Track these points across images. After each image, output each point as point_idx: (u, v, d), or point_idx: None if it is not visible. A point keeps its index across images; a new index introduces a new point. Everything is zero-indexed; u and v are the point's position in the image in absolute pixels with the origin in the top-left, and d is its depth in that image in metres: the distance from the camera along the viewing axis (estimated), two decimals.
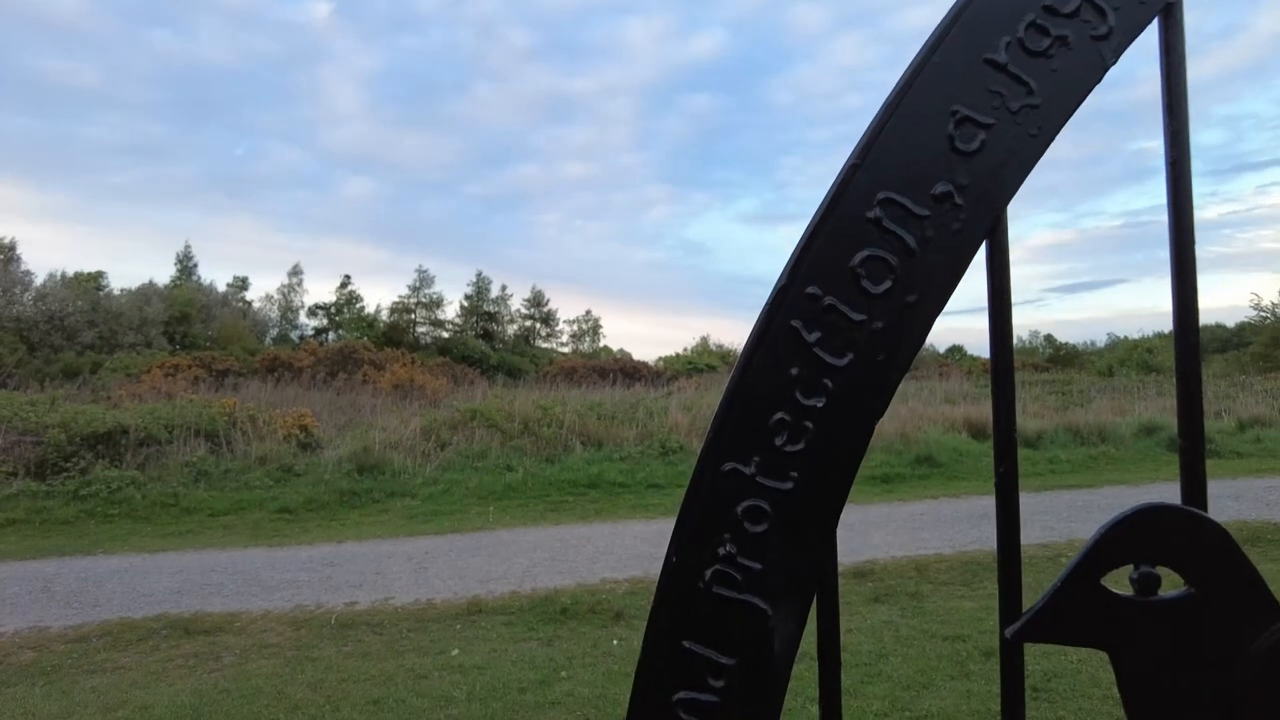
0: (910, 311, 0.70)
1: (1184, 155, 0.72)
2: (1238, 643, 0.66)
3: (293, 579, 7.42)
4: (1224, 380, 25.02)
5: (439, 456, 13.06)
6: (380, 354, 29.08)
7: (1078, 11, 0.70)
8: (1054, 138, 0.71)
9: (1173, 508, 0.68)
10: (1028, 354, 48.56)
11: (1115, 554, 0.68)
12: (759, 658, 0.71)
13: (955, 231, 0.70)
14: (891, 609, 6.04)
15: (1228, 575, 0.67)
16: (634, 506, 10.86)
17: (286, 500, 10.92)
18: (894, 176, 0.70)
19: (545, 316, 60.99)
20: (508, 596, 6.65)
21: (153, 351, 31.86)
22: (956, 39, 0.70)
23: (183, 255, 53.69)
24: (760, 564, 0.70)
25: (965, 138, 0.70)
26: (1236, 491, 10.77)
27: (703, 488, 0.71)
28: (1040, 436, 15.29)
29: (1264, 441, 15.41)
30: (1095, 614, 0.68)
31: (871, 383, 0.70)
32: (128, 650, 5.65)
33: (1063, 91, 0.71)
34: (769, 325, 0.71)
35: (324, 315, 54.50)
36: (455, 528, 9.69)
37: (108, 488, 10.93)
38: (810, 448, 0.70)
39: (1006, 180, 0.70)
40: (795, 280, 0.71)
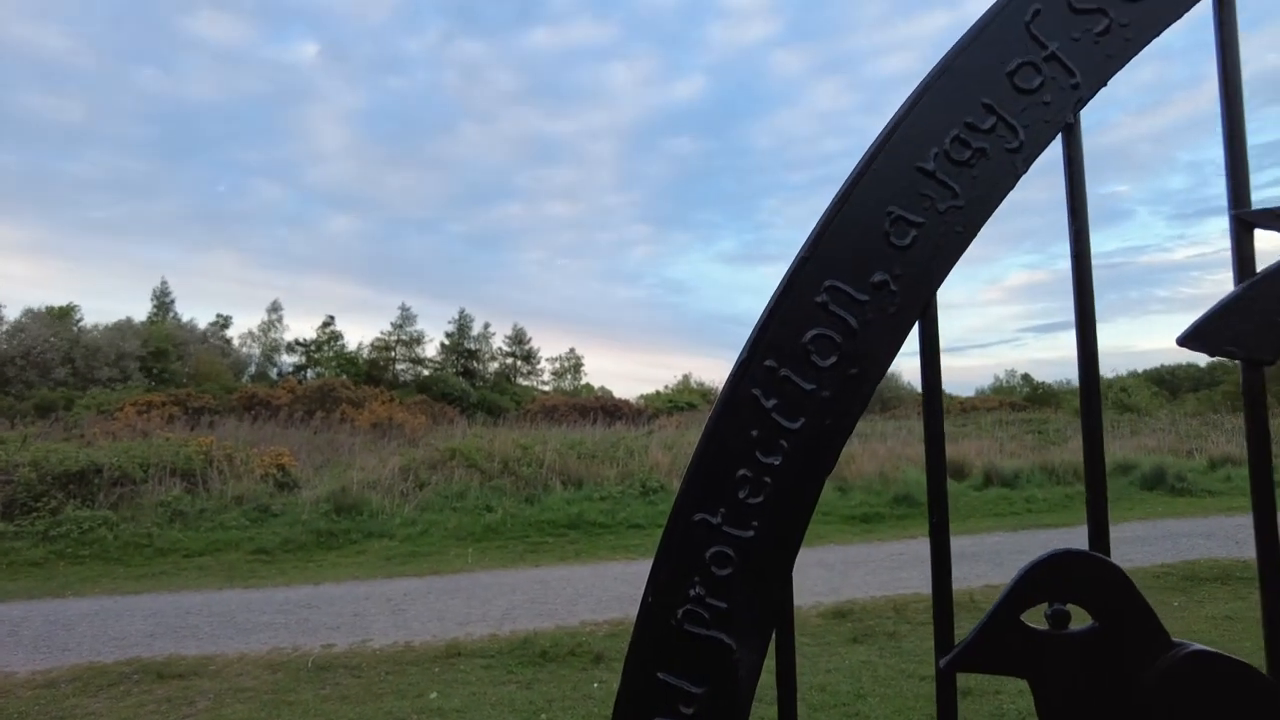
0: (853, 382, 0.81)
1: (1085, 251, 0.84)
2: (1135, 669, 0.77)
3: (269, 621, 7.34)
4: (1196, 419, 25.48)
5: (417, 496, 13.00)
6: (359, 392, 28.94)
7: (994, 128, 0.83)
8: (976, 233, 0.83)
9: (1079, 553, 0.79)
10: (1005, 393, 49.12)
11: (1032, 594, 0.78)
12: (725, 687, 0.80)
13: (891, 314, 0.82)
14: (870, 649, 6.09)
15: (1127, 611, 0.78)
16: (614, 547, 10.86)
17: (263, 541, 10.81)
18: (839, 266, 0.81)
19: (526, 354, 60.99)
20: (487, 639, 6.63)
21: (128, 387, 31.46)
22: (893, 149, 0.83)
23: (159, 291, 53.33)
24: (726, 603, 0.80)
25: (899, 234, 0.82)
26: (1208, 530, 10.97)
27: (675, 535, 0.81)
28: (1018, 476, 15.49)
29: (1234, 480, 15.69)
30: (1016, 646, 0.78)
31: (821, 443, 0.81)
32: (98, 695, 5.56)
33: (983, 194, 0.83)
34: (733, 392, 0.82)
35: (303, 352, 54.18)
36: (434, 569, 9.63)
37: (79, 528, 10.76)
38: (769, 500, 0.81)
39: (935, 270, 0.82)
40: (755, 354, 0.82)
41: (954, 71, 0.82)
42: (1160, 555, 9.08)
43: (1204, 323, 0.80)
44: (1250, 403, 0.81)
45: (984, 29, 0.82)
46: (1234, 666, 0.77)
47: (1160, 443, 19.58)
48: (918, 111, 0.83)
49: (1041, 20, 0.82)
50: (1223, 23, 0.85)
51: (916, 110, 0.83)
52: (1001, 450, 18.26)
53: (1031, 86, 0.83)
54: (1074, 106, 0.83)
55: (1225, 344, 0.79)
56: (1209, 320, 0.80)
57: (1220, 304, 0.80)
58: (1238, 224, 0.82)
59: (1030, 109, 0.83)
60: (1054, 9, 0.82)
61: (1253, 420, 0.81)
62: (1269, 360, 0.79)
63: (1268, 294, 0.79)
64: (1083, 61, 0.83)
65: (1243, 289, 0.80)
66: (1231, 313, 0.79)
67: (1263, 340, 0.79)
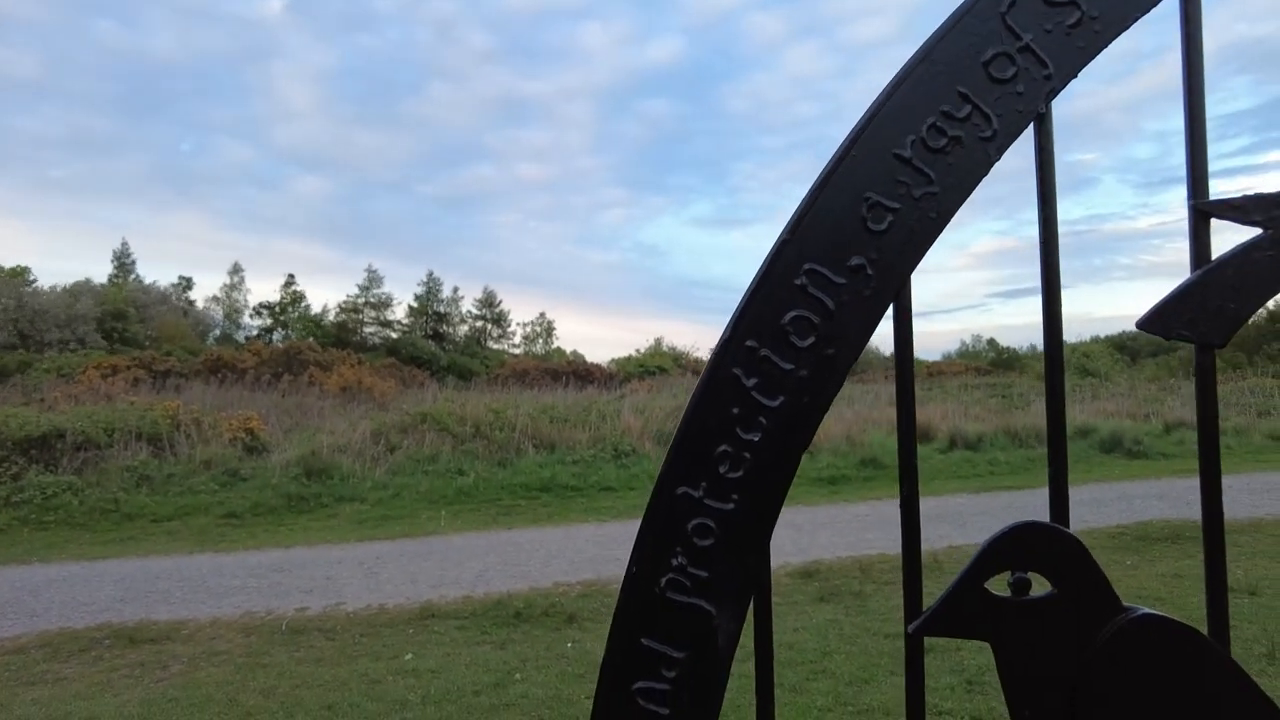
0: (829, 362, 0.85)
1: (1053, 236, 0.88)
2: (1089, 632, 0.82)
3: (241, 585, 7.34)
4: (1154, 385, 26.17)
5: (388, 460, 12.98)
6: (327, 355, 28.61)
7: (969, 117, 0.85)
8: (950, 219, 0.86)
9: (1040, 525, 0.84)
10: (971, 357, 49.97)
11: (995, 563, 0.83)
12: (706, 651, 0.84)
13: (866, 297, 0.85)
14: (836, 608, 6.26)
15: (1082, 578, 0.83)
16: (586, 510, 10.97)
17: (233, 505, 10.75)
18: (817, 250, 0.84)
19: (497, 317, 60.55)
20: (460, 601, 6.70)
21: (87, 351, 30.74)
22: (871, 135, 0.85)
23: (120, 252, 51.96)
24: (707, 572, 0.84)
25: (876, 219, 0.85)
26: (1161, 492, 11.35)
27: (659, 508, 0.85)
28: (981, 439, 15.85)
29: (1187, 443, 16.20)
30: (980, 612, 0.83)
31: (798, 420, 0.85)
32: (69, 661, 5.55)
33: (957, 182, 0.86)
34: (715, 371, 0.85)
35: (269, 315, 53.28)
36: (406, 532, 9.67)
37: (42, 494, 10.61)
38: (748, 475, 0.84)
39: (909, 255, 0.85)
40: (736, 334, 0.85)
41: (932, 60, 0.85)
42: (1116, 516, 9.40)
43: (1161, 308, 0.84)
44: (1201, 383, 0.85)
45: (961, 19, 0.84)
46: (1177, 628, 0.83)
47: (1119, 407, 20.11)
48: (896, 99, 0.85)
49: (1017, 12, 0.84)
50: (1187, 20, 0.88)
51: (895, 98, 0.85)
52: (966, 414, 18.64)
53: (1006, 76, 0.85)
54: (1046, 97, 0.86)
55: (1180, 328, 0.84)
56: (1166, 305, 0.84)
57: (1177, 290, 0.84)
58: (1196, 214, 0.86)
59: (1004, 98, 0.85)
60: (1029, 1, 0.85)
61: (1203, 399, 0.86)
62: (1219, 344, 0.84)
63: (1220, 282, 0.83)
64: (1055, 53, 0.85)
65: (1198, 276, 0.84)
66: (1187, 299, 0.84)
67: (1214, 325, 0.83)
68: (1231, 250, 0.83)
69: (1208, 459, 0.86)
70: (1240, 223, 0.83)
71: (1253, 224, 0.83)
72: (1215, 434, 0.86)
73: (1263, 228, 0.83)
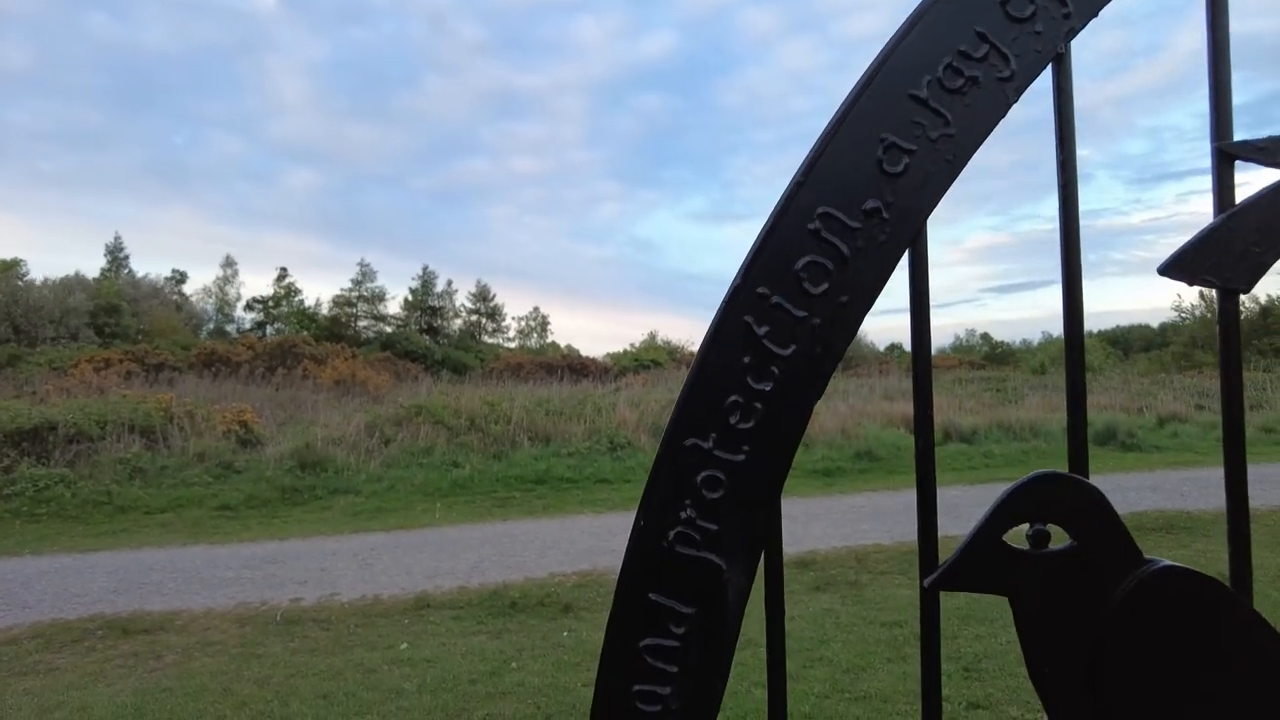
0: (843, 310, 0.82)
1: (1072, 180, 0.86)
2: (1110, 585, 0.80)
3: (235, 576, 7.30)
4: (1146, 379, 26.26)
5: (383, 453, 12.93)
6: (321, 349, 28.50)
7: (986, 57, 0.83)
8: (966, 163, 0.84)
9: (1060, 475, 0.81)
10: (965, 351, 50.09)
11: (1014, 515, 0.81)
12: (715, 607, 0.82)
13: (882, 243, 0.82)
14: (832, 597, 6.25)
15: (1103, 531, 0.81)
16: (582, 502, 10.94)
17: (227, 497, 10.70)
18: (831, 194, 0.81)
19: (491, 311, 60.41)
20: (456, 591, 6.67)
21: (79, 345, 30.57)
22: (886, 76, 0.82)
23: (113, 246, 51.64)
24: (716, 525, 0.82)
25: (892, 161, 0.82)
26: (1155, 484, 11.38)
27: (667, 460, 0.82)
28: (975, 432, 15.87)
29: (1181, 436, 16.27)
30: (998, 566, 0.81)
31: (811, 370, 0.82)
32: (62, 651, 5.51)
33: (974, 124, 0.83)
34: (725, 319, 0.82)
35: (261, 309, 53.05)
36: (401, 524, 9.63)
37: (34, 486, 10.54)
38: (759, 426, 0.82)
39: (926, 198, 0.83)
40: (748, 281, 0.82)
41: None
42: None
43: (1184, 252, 0.82)
44: (1225, 330, 0.83)
45: None
46: (1199, 580, 0.81)
47: (1112, 400, 20.16)
48: (912, 38, 0.82)
49: None
50: None
51: (910, 37, 0.82)
52: (960, 408, 18.67)
53: (1024, 15, 0.83)
54: (1065, 36, 0.84)
55: (1204, 273, 0.82)
56: (1189, 250, 0.82)
57: (1200, 235, 0.82)
58: (1219, 155, 0.83)
59: (1022, 38, 0.83)
60: None
61: (1226, 346, 0.84)
62: (1244, 289, 0.81)
63: (1245, 225, 0.81)
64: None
65: (1221, 220, 0.82)
66: (1210, 243, 0.81)
67: (1238, 270, 0.81)
68: (1257, 193, 0.81)
69: (1231, 404, 0.84)
70: (1265, 165, 0.81)
71: (1278, 166, 0.81)
72: (1239, 381, 0.84)
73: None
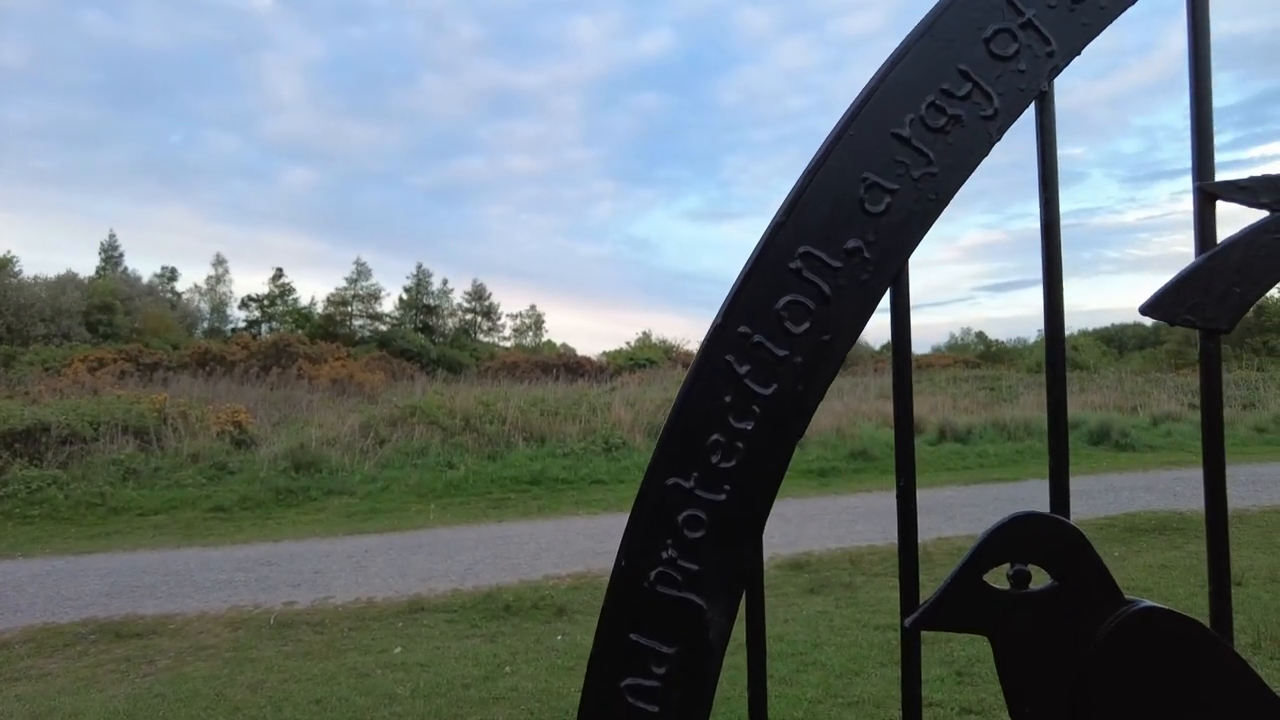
0: (825, 349, 0.82)
1: (1055, 220, 0.85)
2: (1090, 625, 0.80)
3: (228, 579, 7.29)
4: (1140, 377, 26.35)
5: (378, 453, 12.91)
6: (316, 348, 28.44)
7: (969, 95, 0.82)
8: (949, 201, 0.83)
9: (1040, 515, 0.81)
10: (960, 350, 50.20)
11: (995, 555, 0.81)
12: (696, 647, 0.82)
13: (864, 281, 0.82)
14: (826, 600, 6.26)
15: (1083, 571, 0.81)
16: (577, 503, 10.94)
17: (220, 499, 10.67)
18: (813, 232, 0.81)
19: (487, 310, 60.38)
20: (450, 594, 6.67)
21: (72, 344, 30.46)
22: (868, 115, 0.82)
23: (107, 244, 51.50)
24: (698, 566, 0.81)
25: (874, 200, 0.82)
26: (1148, 483, 11.42)
27: (648, 499, 0.82)
28: (970, 432, 15.91)
29: (1174, 435, 16.32)
30: (979, 605, 0.81)
31: (792, 409, 0.82)
32: (54, 656, 5.49)
33: (957, 162, 0.83)
34: (707, 358, 0.82)
35: (256, 307, 52.94)
36: (395, 526, 9.62)
37: (26, 488, 10.50)
38: (741, 465, 0.81)
39: (908, 237, 0.83)
40: (729, 319, 0.82)
41: (932, 35, 0.82)
42: (1104, 508, 9.44)
43: (1165, 293, 0.82)
44: (1206, 370, 0.83)
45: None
46: (1180, 621, 0.81)
47: (1106, 399, 20.23)
48: (894, 76, 0.82)
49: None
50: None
51: (893, 75, 0.82)
52: (955, 406, 18.71)
53: (1007, 53, 0.82)
54: (1048, 75, 0.84)
55: (1184, 313, 0.82)
56: (1170, 290, 0.82)
57: (1181, 274, 0.82)
58: (1201, 195, 0.83)
59: (1005, 76, 0.83)
60: None
61: (1207, 386, 0.84)
62: (1225, 329, 0.81)
63: (1226, 265, 0.81)
64: (1058, 29, 0.83)
65: (1203, 260, 0.82)
66: (1191, 283, 0.81)
67: (1220, 310, 0.81)
68: (1238, 233, 0.81)
69: (1212, 448, 0.84)
70: (1247, 205, 0.81)
71: (1260, 206, 0.81)
72: (1219, 423, 0.84)
73: (1270, 210, 0.80)
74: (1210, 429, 0.84)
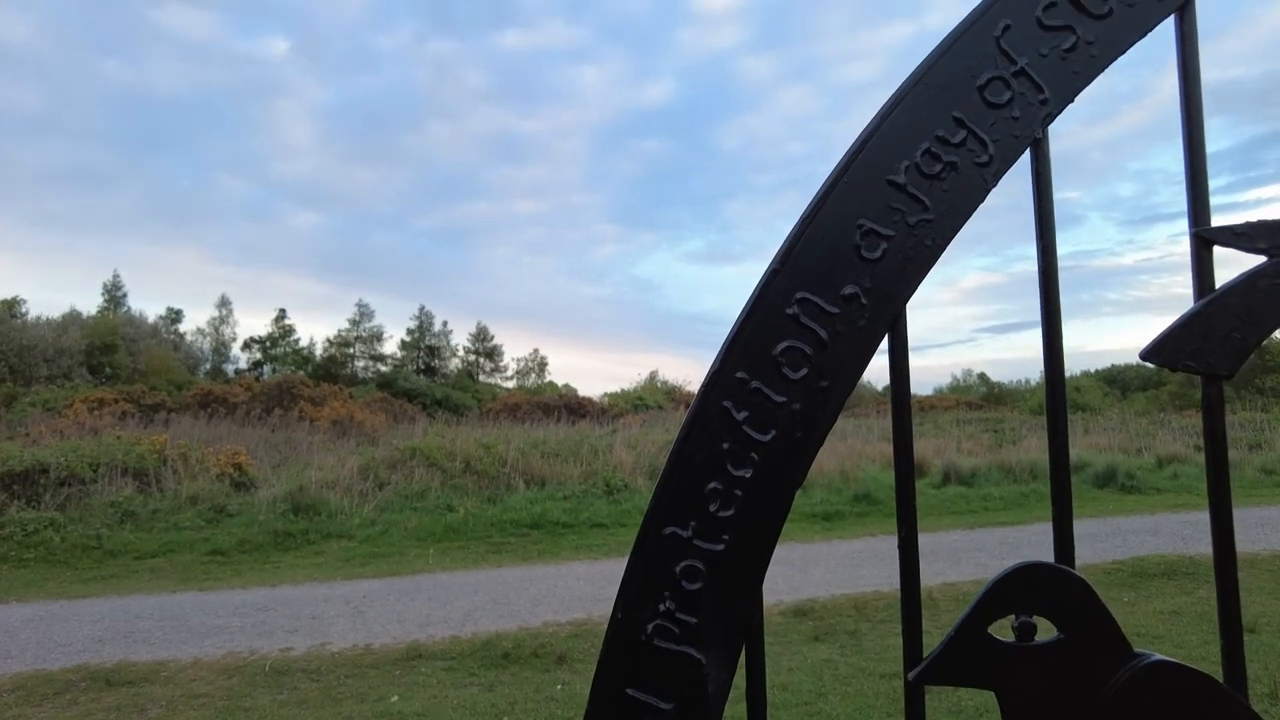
0: (823, 394, 0.81)
1: (1053, 266, 0.85)
2: (1099, 680, 0.78)
3: (224, 624, 7.17)
4: (1144, 418, 26.22)
5: (377, 496, 12.82)
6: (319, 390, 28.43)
7: (964, 142, 0.83)
8: (946, 247, 0.83)
9: (1045, 565, 0.80)
10: (962, 392, 50.08)
11: (999, 606, 0.79)
12: (694, 703, 0.79)
13: (861, 327, 0.82)
14: (831, 647, 6.15)
15: (1090, 622, 0.79)
16: (577, 547, 10.82)
17: (219, 541, 10.56)
18: (810, 278, 0.81)
19: (490, 351, 60.53)
20: (448, 641, 6.55)
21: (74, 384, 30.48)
22: (863, 162, 0.82)
23: (110, 285, 51.88)
24: (696, 618, 0.79)
25: (870, 246, 0.82)
26: (1155, 527, 11.29)
27: (646, 549, 0.80)
28: (975, 474, 15.78)
29: (1181, 478, 16.17)
30: (983, 659, 0.79)
31: (791, 456, 0.81)
32: (43, 705, 5.38)
33: (952, 208, 0.83)
34: (704, 403, 0.81)
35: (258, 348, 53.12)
36: (394, 570, 9.50)
37: (23, 530, 10.40)
38: (740, 513, 0.80)
39: (905, 283, 0.82)
40: (726, 365, 0.81)
41: (926, 83, 0.82)
42: (1111, 552, 9.32)
43: (1165, 338, 0.81)
44: (1209, 416, 0.82)
45: (955, 42, 0.83)
46: (1192, 676, 0.78)
47: (1111, 441, 20.10)
48: (889, 124, 0.83)
49: (1011, 35, 0.83)
50: (1184, 42, 0.86)
51: (888, 122, 0.83)
52: (959, 449, 18.59)
53: (1001, 101, 0.83)
54: (1042, 122, 0.84)
55: (1185, 359, 0.81)
56: (1169, 335, 0.81)
57: (1180, 320, 0.81)
58: (1198, 241, 0.83)
59: (1000, 123, 0.83)
60: (1023, 25, 0.83)
61: (1211, 432, 0.83)
62: (1227, 375, 0.81)
63: (1225, 310, 0.80)
64: (1051, 77, 0.83)
65: (1202, 305, 0.81)
66: (1191, 328, 0.81)
67: (1221, 356, 0.80)
68: (1236, 278, 0.81)
69: (1218, 496, 0.82)
70: (1244, 250, 0.81)
71: (1257, 251, 0.81)
72: (1225, 470, 0.82)
73: (1268, 255, 0.80)
74: (1216, 475, 0.83)
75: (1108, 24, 0.84)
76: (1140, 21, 0.85)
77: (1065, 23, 0.84)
